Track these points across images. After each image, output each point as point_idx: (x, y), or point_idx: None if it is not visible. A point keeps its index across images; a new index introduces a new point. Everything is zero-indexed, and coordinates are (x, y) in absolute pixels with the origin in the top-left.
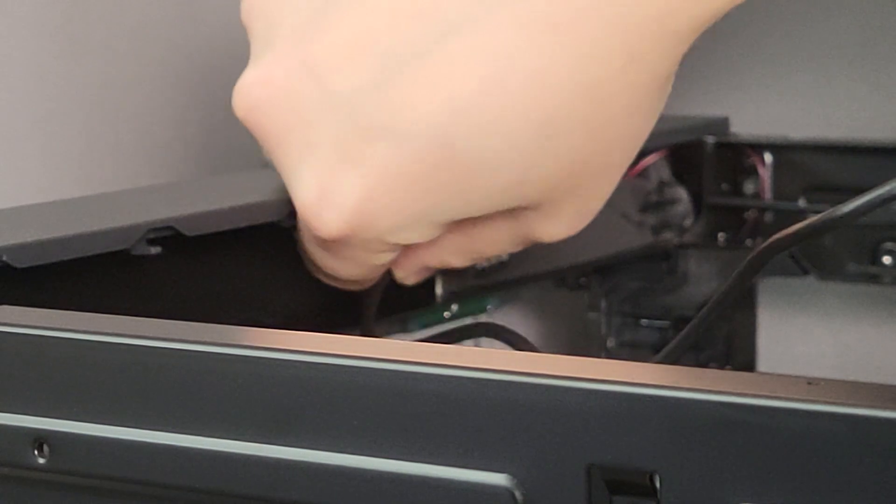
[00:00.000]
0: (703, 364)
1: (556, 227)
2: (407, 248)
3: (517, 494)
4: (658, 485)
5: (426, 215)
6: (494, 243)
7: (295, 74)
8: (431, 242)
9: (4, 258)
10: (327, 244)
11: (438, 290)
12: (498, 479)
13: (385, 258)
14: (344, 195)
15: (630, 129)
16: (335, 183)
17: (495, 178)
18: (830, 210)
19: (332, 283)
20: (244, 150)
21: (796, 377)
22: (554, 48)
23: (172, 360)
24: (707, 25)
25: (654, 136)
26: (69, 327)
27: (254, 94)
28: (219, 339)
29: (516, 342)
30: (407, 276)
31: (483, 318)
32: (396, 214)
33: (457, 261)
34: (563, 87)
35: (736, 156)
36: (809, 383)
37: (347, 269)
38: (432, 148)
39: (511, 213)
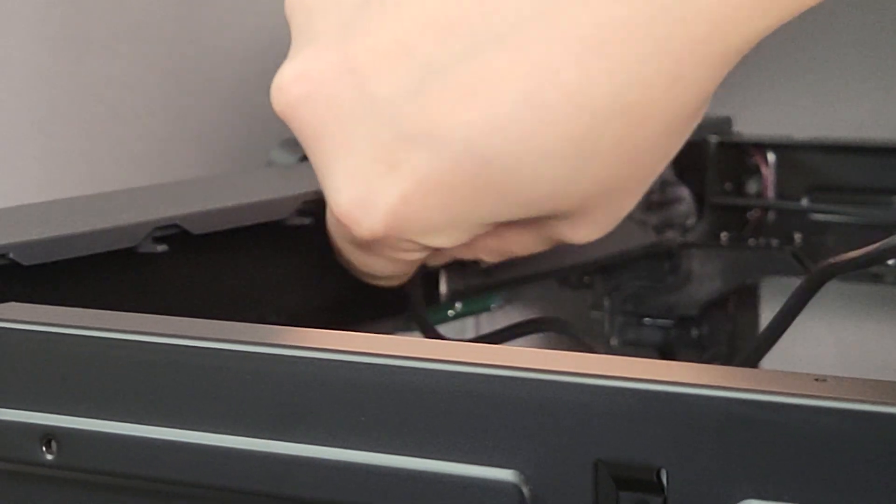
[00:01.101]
0: (706, 363)
1: (585, 232)
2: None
3: (524, 490)
4: (665, 481)
5: (459, 221)
6: (523, 244)
7: (336, 73)
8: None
9: (11, 256)
10: (360, 242)
11: (443, 288)
12: (505, 474)
13: (417, 256)
14: (380, 198)
15: (666, 146)
16: (372, 186)
17: (529, 190)
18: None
19: (365, 279)
20: (246, 149)
21: (803, 374)
22: (597, 68)
23: (180, 356)
24: (751, 46)
25: None
26: (76, 324)
27: (294, 90)
28: (226, 336)
29: (581, 336)
30: (438, 264)
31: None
32: (431, 219)
33: (488, 258)
34: (604, 107)
35: (739, 155)
36: (816, 380)
37: (380, 266)
38: (468, 158)
39: (541, 218)
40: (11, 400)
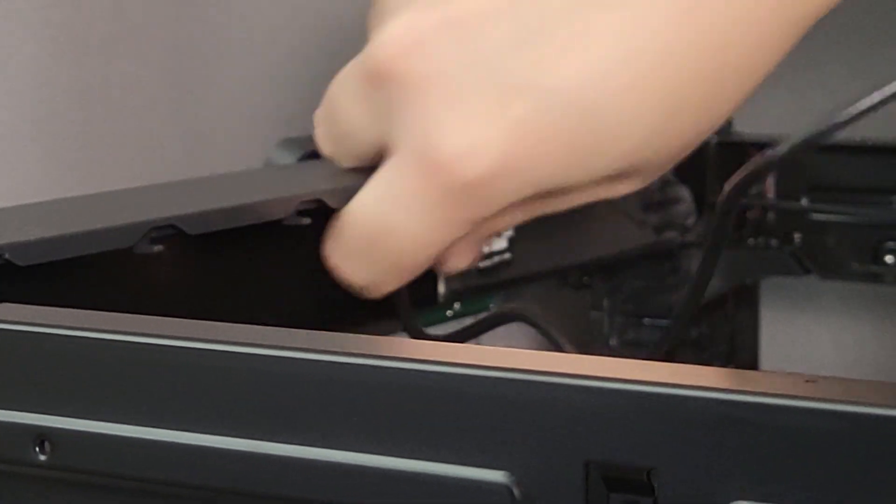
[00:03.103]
0: (705, 363)
1: (631, 186)
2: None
3: (515, 491)
4: (655, 482)
5: (554, 175)
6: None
7: (440, 28)
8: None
9: (6, 256)
10: (351, 252)
11: (441, 288)
12: (496, 475)
13: (480, 216)
14: (491, 142)
15: (731, 110)
16: (482, 131)
17: (624, 140)
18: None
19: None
20: (245, 150)
21: (794, 374)
22: (688, 32)
23: (173, 357)
24: (821, 14)
25: None
26: (71, 325)
27: (403, 41)
28: (219, 337)
29: (543, 326)
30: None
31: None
32: (532, 169)
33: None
34: (690, 68)
35: (739, 155)
36: (807, 381)
37: (371, 274)
38: (573, 107)
39: (609, 177)
40: (5, 400)
